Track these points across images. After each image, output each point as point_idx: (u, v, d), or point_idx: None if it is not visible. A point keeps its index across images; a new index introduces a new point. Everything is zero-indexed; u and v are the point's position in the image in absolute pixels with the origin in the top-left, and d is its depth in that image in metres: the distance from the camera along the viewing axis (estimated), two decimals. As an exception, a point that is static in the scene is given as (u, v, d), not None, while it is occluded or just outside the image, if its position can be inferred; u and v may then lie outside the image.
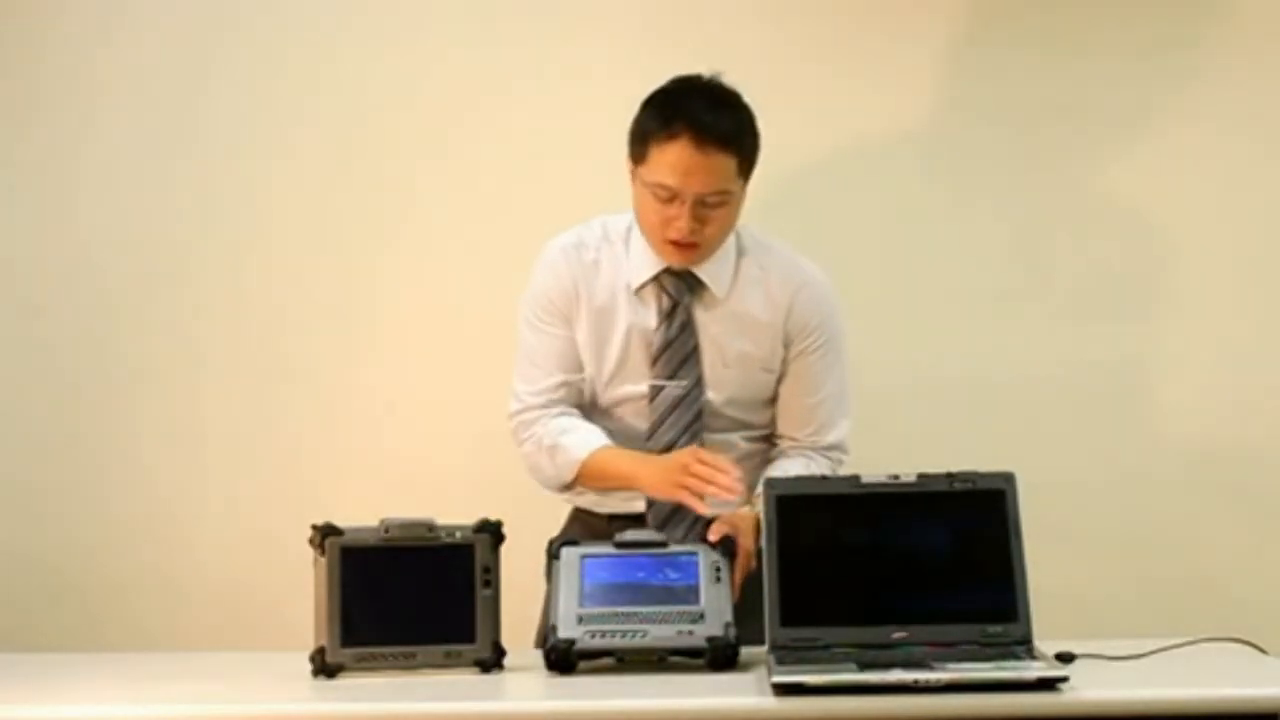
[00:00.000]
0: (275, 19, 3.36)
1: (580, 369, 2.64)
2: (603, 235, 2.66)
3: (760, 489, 2.41)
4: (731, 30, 3.32)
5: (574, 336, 2.63)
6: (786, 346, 2.64)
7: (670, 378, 2.60)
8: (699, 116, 2.49)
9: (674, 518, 2.55)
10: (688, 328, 2.61)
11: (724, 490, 2.35)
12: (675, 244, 2.54)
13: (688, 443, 2.58)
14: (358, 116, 3.34)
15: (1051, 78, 3.32)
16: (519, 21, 3.34)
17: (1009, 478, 2.27)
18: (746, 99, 2.59)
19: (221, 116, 3.35)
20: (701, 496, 2.37)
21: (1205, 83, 3.33)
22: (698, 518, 2.55)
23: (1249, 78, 3.33)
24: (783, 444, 2.69)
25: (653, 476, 2.47)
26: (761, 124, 2.61)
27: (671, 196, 2.50)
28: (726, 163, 2.50)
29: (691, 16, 3.33)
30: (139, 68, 3.36)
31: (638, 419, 2.62)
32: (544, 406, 2.63)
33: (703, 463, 2.39)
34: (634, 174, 2.57)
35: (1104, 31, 3.33)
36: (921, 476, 2.28)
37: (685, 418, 2.60)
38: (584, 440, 2.57)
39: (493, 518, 2.34)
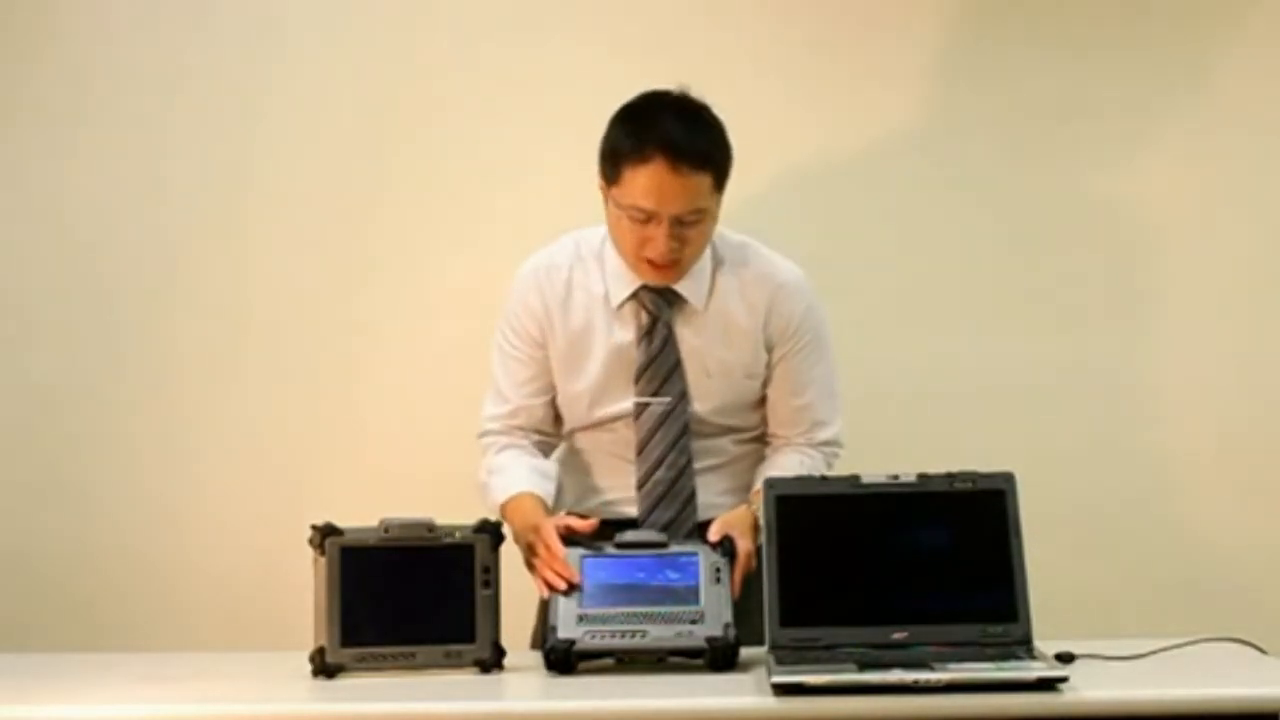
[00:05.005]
0: (269, 22, 3.35)
1: (545, 391, 2.65)
2: (575, 253, 2.64)
3: (759, 489, 2.41)
4: (728, 31, 3.31)
5: (545, 358, 2.64)
6: (770, 351, 2.63)
7: (654, 394, 2.59)
8: (671, 137, 2.45)
9: (668, 530, 2.53)
10: (669, 343, 2.59)
11: (553, 579, 2.31)
12: (653, 263, 2.52)
13: (676, 458, 2.59)
14: (357, 115, 3.34)
15: (1053, 77, 3.31)
16: (514, 22, 3.34)
17: (1009, 478, 2.27)
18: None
19: (215, 121, 3.34)
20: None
21: (1208, 80, 3.32)
22: (689, 535, 2.55)
23: (1252, 75, 3.33)
24: (776, 442, 2.69)
25: (522, 542, 2.46)
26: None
27: (648, 218, 2.48)
28: (701, 181, 2.47)
29: (689, 16, 3.32)
30: (132, 67, 3.35)
31: (626, 435, 2.62)
32: (500, 433, 2.66)
33: (546, 548, 2.35)
34: (607, 194, 2.54)
35: (1104, 30, 3.32)
36: (921, 476, 2.28)
37: (672, 433, 2.59)
38: (504, 484, 2.57)
39: (492, 518, 2.34)
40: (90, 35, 3.36)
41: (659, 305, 2.60)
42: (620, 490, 2.63)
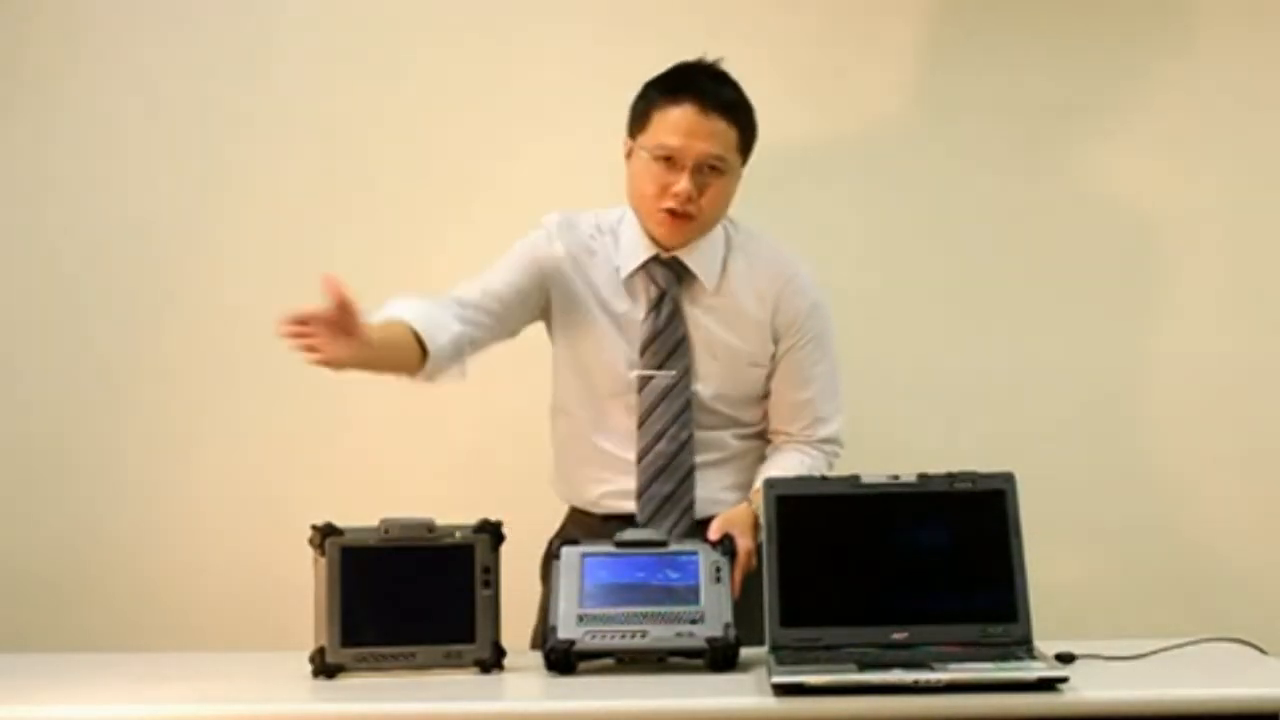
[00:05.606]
0: (250, 11, 3.35)
1: (501, 311, 2.60)
2: (595, 225, 2.69)
3: (759, 488, 2.41)
4: (723, 22, 3.30)
5: (534, 293, 2.63)
6: (776, 343, 2.65)
7: (659, 367, 2.61)
8: (703, 85, 2.56)
9: (661, 510, 2.57)
10: (676, 317, 2.62)
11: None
12: (671, 214, 2.55)
13: (678, 432, 2.60)
14: (357, 114, 3.34)
15: (1054, 74, 3.31)
16: (506, 8, 3.33)
17: (1009, 478, 2.27)
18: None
19: (210, 121, 3.33)
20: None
21: (1205, 71, 3.32)
22: (686, 509, 2.56)
23: (1249, 65, 3.32)
24: (777, 439, 2.70)
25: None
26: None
27: (672, 161, 2.53)
28: (728, 131, 2.55)
29: (686, 7, 3.32)
30: (114, 68, 3.34)
31: (629, 408, 2.63)
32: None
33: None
34: (631, 150, 2.60)
35: (1107, 24, 3.32)
36: (921, 476, 2.28)
37: (674, 407, 2.61)
38: (391, 310, 2.50)
39: (492, 518, 2.34)
40: (70, 37, 3.35)
41: (667, 280, 2.62)
42: (620, 483, 2.63)
